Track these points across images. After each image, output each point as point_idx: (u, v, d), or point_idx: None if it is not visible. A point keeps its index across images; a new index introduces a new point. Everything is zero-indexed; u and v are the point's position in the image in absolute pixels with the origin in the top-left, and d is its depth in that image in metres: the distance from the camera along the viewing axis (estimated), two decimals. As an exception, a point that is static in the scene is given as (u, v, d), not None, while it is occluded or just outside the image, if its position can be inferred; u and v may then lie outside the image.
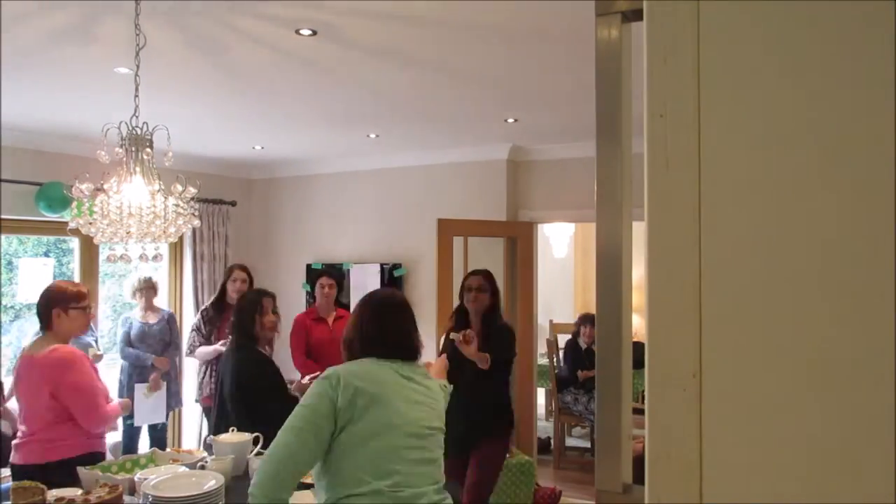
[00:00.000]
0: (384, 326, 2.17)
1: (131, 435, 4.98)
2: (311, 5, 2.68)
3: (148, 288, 5.09)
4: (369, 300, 2.28)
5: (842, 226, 0.67)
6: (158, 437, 5.09)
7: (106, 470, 2.72)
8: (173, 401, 5.17)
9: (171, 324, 5.24)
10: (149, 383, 4.94)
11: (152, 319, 5.09)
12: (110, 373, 5.15)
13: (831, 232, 0.67)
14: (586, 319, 6.18)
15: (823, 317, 0.67)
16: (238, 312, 3.38)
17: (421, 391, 2.12)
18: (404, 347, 2.18)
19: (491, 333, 3.59)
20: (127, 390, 4.94)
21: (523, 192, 5.76)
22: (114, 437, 4.80)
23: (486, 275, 3.73)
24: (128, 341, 4.99)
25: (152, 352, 5.00)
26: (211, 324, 4.74)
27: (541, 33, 2.98)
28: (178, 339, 5.33)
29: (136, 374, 4.97)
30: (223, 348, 4.03)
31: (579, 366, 6.02)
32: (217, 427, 3.12)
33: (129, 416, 4.91)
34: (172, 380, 5.16)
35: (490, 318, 3.65)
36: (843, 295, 0.66)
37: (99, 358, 4.76)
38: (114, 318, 6.07)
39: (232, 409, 3.19)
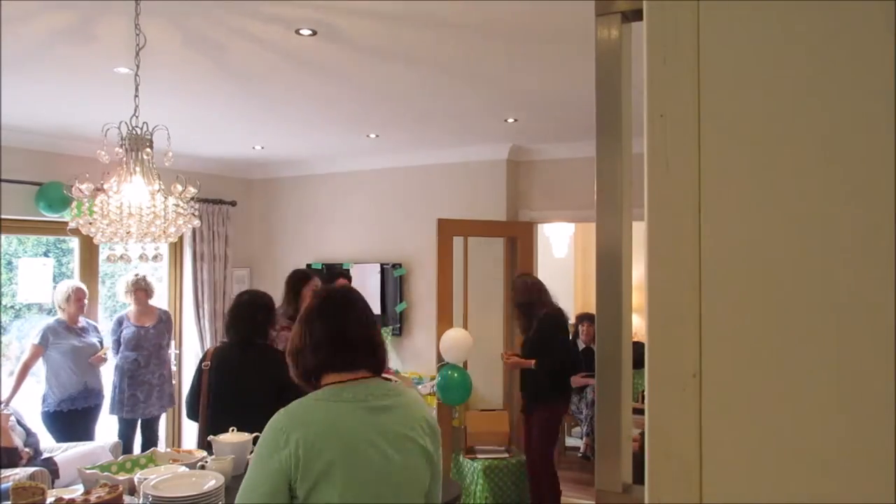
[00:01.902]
0: (337, 329, 1.69)
1: (127, 433, 4.98)
2: (311, 5, 2.68)
3: (139, 289, 5.03)
4: (317, 297, 1.81)
5: (842, 226, 0.67)
6: (150, 437, 5.10)
7: (106, 470, 2.72)
8: (166, 400, 5.16)
9: (167, 324, 5.22)
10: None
11: (148, 322, 5.06)
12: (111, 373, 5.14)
13: (832, 232, 0.67)
14: (584, 318, 6.17)
15: (823, 317, 0.67)
16: (258, 310, 3.40)
17: (397, 434, 1.62)
18: (365, 357, 1.70)
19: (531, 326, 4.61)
20: (118, 392, 4.93)
21: (523, 192, 5.76)
22: (113, 437, 4.81)
23: (525, 283, 4.71)
24: (120, 345, 4.95)
25: (146, 355, 4.98)
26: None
27: (541, 33, 2.98)
28: (170, 340, 5.31)
29: (128, 376, 4.93)
30: None
31: (578, 366, 6.01)
32: (216, 426, 3.11)
33: (128, 414, 4.94)
34: (166, 380, 5.15)
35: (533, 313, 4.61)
36: (844, 295, 0.66)
37: (103, 361, 4.77)
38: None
39: (262, 408, 3.19)
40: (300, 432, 1.51)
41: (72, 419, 4.57)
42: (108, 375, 5.06)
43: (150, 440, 5.06)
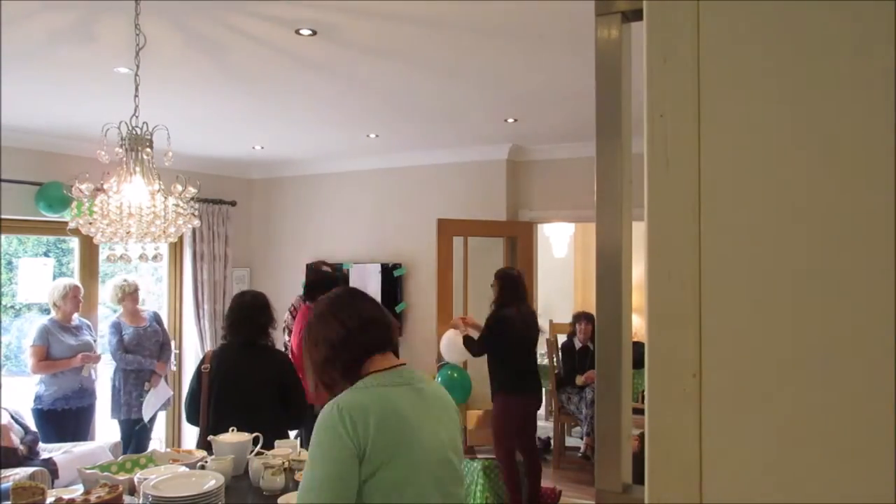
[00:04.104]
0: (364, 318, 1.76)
1: (131, 434, 4.98)
2: (311, 5, 2.68)
3: (133, 292, 5.06)
4: (336, 289, 1.89)
5: (842, 225, 0.67)
6: (145, 436, 5.09)
7: (106, 470, 2.72)
8: (168, 400, 5.20)
9: (160, 324, 5.24)
10: (149, 383, 4.99)
11: (143, 322, 5.08)
12: (108, 374, 5.14)
13: (831, 231, 0.67)
14: (580, 317, 6.18)
15: (824, 317, 0.67)
16: (260, 311, 3.39)
17: (438, 407, 1.74)
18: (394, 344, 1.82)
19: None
20: (122, 395, 4.94)
21: (523, 192, 5.76)
22: (114, 437, 4.81)
23: (497, 273, 4.65)
24: (123, 348, 4.96)
25: (149, 355, 5.00)
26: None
27: (541, 33, 2.98)
28: (168, 339, 5.32)
29: (131, 378, 4.96)
30: None
31: (573, 366, 6.02)
32: (217, 427, 3.11)
33: (136, 414, 4.94)
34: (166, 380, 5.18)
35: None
36: (844, 295, 0.66)
37: (97, 359, 4.78)
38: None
39: (265, 409, 3.19)
40: (363, 419, 1.54)
41: (65, 418, 4.57)
42: (102, 379, 5.06)
43: (143, 440, 5.05)
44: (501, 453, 4.58)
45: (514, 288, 4.55)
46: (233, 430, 2.94)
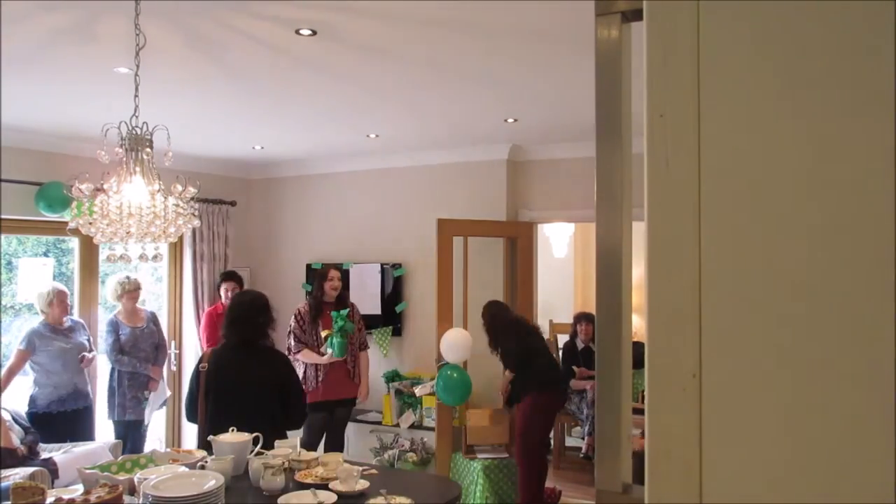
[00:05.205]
0: None
1: (125, 434, 4.98)
2: (311, 5, 2.68)
3: (134, 290, 5.05)
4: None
5: (841, 225, 0.67)
6: (139, 437, 5.08)
7: (106, 470, 2.72)
8: (165, 400, 5.21)
9: (156, 325, 5.23)
10: (148, 391, 5.01)
11: (140, 323, 5.07)
12: (105, 375, 5.14)
13: (831, 232, 0.67)
14: (582, 318, 6.17)
15: (823, 316, 0.67)
16: (259, 311, 3.39)
17: None
18: None
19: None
20: (117, 395, 4.93)
21: (523, 192, 5.76)
22: (113, 438, 4.81)
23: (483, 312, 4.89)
24: (119, 349, 4.94)
25: (144, 357, 4.98)
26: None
27: (541, 33, 2.98)
28: (164, 340, 5.31)
29: (126, 378, 4.95)
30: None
31: (576, 366, 6.02)
32: (215, 427, 3.11)
33: (130, 415, 4.94)
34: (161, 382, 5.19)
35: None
36: (843, 295, 0.66)
37: (90, 361, 4.76)
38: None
39: (262, 409, 3.20)
40: None
41: (60, 421, 4.53)
42: (100, 379, 5.06)
43: (138, 441, 5.05)
44: (527, 447, 4.61)
45: (501, 317, 4.81)
46: (233, 430, 2.94)
